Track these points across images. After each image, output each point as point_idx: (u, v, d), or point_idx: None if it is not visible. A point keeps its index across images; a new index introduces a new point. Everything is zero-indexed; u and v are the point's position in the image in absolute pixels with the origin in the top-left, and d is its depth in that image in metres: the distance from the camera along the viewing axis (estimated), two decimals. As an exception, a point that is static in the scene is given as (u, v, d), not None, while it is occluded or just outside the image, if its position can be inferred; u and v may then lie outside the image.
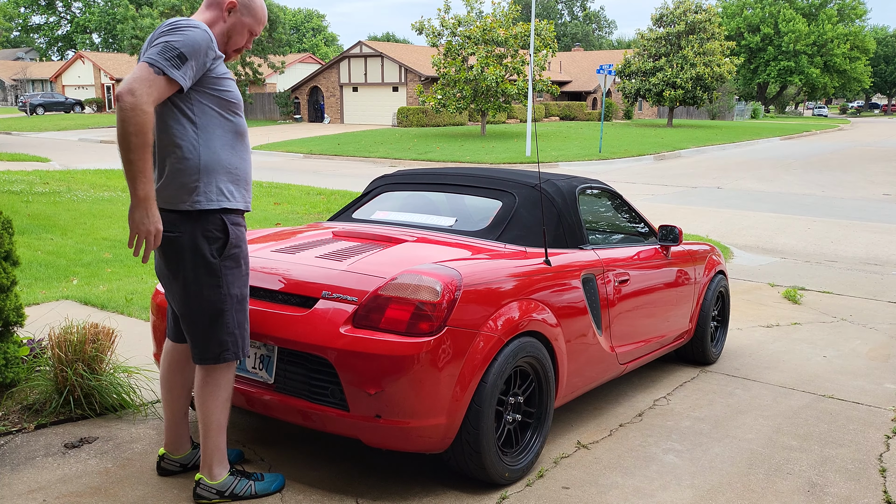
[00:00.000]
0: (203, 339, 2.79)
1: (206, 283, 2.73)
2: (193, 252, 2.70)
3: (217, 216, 2.72)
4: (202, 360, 2.82)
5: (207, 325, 2.77)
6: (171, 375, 3.04)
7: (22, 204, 10.85)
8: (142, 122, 2.42)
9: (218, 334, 2.78)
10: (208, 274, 2.73)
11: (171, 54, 2.50)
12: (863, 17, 70.08)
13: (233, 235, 2.76)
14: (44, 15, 78.46)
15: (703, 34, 35.89)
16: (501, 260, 3.34)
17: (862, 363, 5.21)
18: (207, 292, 2.74)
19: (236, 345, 2.82)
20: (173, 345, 3.05)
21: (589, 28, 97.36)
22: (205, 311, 2.76)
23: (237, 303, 2.81)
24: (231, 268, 2.77)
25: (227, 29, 2.79)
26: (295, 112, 45.23)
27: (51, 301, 5.75)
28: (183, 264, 2.71)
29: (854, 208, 13.47)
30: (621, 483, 3.29)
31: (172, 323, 3.02)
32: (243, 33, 2.83)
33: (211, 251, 2.72)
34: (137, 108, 2.41)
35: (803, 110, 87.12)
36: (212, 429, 2.86)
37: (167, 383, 3.05)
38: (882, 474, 3.48)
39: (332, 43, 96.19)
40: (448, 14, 28.54)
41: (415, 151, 23.64)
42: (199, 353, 2.82)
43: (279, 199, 12.47)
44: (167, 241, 2.70)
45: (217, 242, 2.73)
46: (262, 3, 2.88)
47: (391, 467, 3.32)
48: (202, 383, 2.84)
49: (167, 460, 3.13)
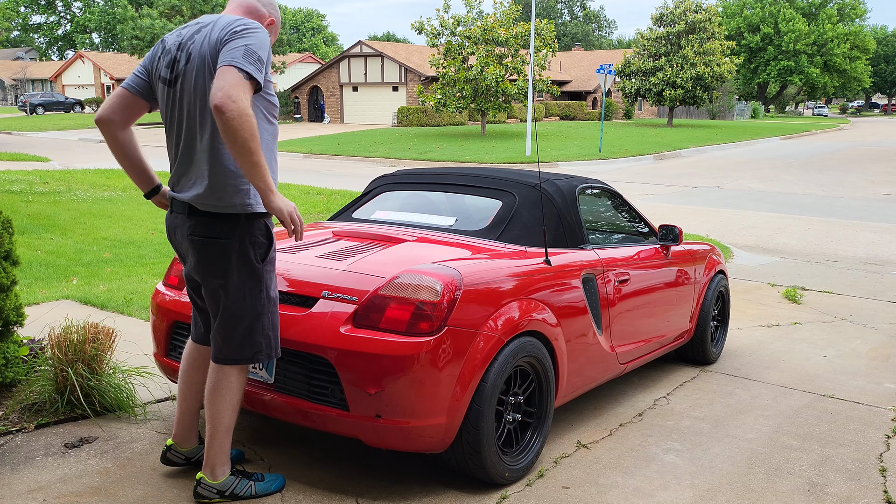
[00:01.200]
0: (240, 341, 2.79)
1: (249, 287, 2.74)
2: (241, 257, 2.70)
3: (262, 221, 2.73)
4: (235, 361, 2.81)
5: (247, 327, 2.78)
6: (194, 372, 3.03)
7: (22, 203, 10.85)
8: (252, 124, 2.41)
9: (255, 336, 2.80)
10: (252, 278, 2.74)
11: (253, 57, 2.49)
12: (863, 17, 70.07)
13: (274, 241, 2.80)
14: (44, 14, 78.46)
15: (703, 34, 35.89)
16: (501, 260, 3.34)
17: (862, 363, 5.21)
18: (251, 296, 2.75)
19: (269, 346, 2.85)
20: (196, 346, 3.04)
21: (589, 28, 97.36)
22: (246, 314, 2.77)
23: (273, 305, 2.84)
24: (270, 272, 2.81)
25: None
26: (295, 112, 45.24)
27: (51, 301, 5.75)
28: (229, 269, 2.71)
29: (854, 208, 13.47)
30: (621, 483, 3.28)
31: (202, 325, 2.99)
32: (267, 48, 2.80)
33: (256, 256, 2.73)
34: (244, 113, 2.40)
35: (803, 110, 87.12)
36: (220, 430, 2.85)
37: (187, 379, 3.04)
38: (882, 474, 3.48)
39: (332, 43, 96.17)
40: (447, 14, 28.53)
41: (415, 151, 23.64)
42: (231, 353, 2.80)
43: (279, 199, 12.46)
44: (213, 245, 2.69)
45: (262, 248, 2.75)
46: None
47: (391, 467, 3.32)
48: (217, 385, 2.83)
49: (173, 451, 3.12)
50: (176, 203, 2.79)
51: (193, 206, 2.69)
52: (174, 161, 2.79)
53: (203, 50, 2.60)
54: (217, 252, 2.69)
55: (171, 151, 2.80)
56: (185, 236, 2.74)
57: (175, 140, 2.75)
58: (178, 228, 2.79)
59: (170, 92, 2.71)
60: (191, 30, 2.71)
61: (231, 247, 2.68)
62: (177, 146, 2.75)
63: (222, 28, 2.59)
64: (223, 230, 2.68)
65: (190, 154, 2.70)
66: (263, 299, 2.79)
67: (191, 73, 2.63)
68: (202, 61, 2.60)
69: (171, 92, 2.70)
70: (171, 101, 2.71)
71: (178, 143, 2.74)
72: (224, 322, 2.79)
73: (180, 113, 2.70)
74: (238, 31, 2.54)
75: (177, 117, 2.71)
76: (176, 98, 2.70)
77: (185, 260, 2.84)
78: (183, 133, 2.71)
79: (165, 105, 2.75)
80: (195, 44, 2.64)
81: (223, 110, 2.37)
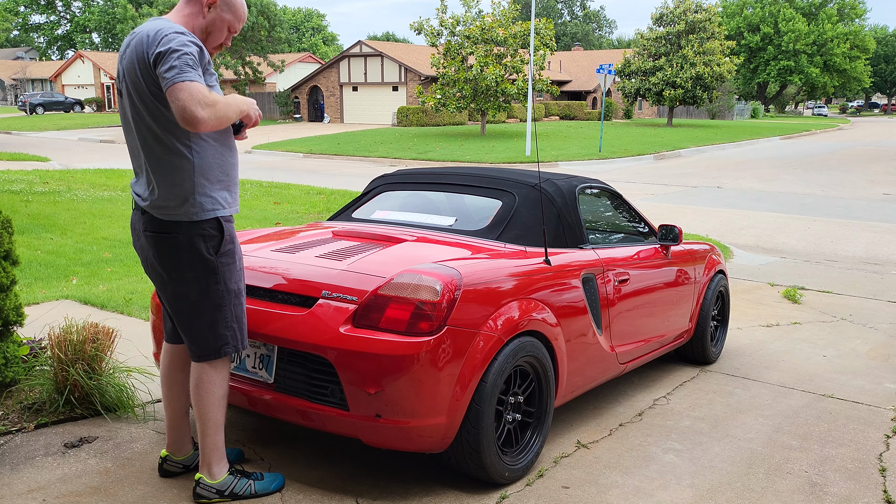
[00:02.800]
0: (202, 335, 2.80)
1: (204, 280, 2.76)
2: (190, 251, 2.73)
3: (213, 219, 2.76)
4: (202, 357, 2.83)
5: (207, 320, 2.79)
6: (173, 374, 3.05)
7: (21, 203, 10.84)
8: (219, 108, 2.54)
9: (217, 329, 2.80)
10: (206, 271, 2.76)
11: (189, 64, 2.52)
12: (862, 17, 70.04)
13: (227, 233, 2.79)
14: (43, 14, 78.45)
15: (703, 34, 35.87)
16: (501, 259, 3.34)
17: (862, 363, 5.21)
18: (206, 289, 2.77)
19: (235, 338, 2.85)
20: (171, 346, 3.05)
21: (589, 27, 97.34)
22: (204, 307, 2.78)
23: (234, 297, 2.83)
24: (227, 264, 2.80)
25: (207, 25, 2.77)
26: (295, 111, 45.22)
27: (50, 301, 5.75)
28: (180, 262, 2.74)
29: (854, 208, 13.47)
30: (621, 482, 3.28)
31: (170, 325, 3.02)
32: (223, 30, 2.82)
33: (207, 249, 2.75)
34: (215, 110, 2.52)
35: (803, 110, 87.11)
36: (209, 427, 2.87)
37: (168, 381, 3.05)
38: (882, 474, 3.48)
39: (332, 42, 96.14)
40: (446, 14, 28.52)
41: (414, 151, 23.64)
42: (198, 350, 2.83)
43: (279, 199, 12.47)
44: (163, 240, 2.73)
45: (213, 240, 2.76)
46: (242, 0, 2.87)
47: (391, 467, 3.32)
48: (198, 381, 2.85)
49: (170, 462, 3.12)
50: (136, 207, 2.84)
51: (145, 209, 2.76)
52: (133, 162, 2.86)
53: (130, 69, 2.65)
54: (167, 246, 2.74)
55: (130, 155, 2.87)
56: (141, 232, 2.81)
57: (129, 146, 2.83)
58: (135, 225, 2.85)
59: (120, 102, 2.79)
60: (126, 41, 2.74)
61: (180, 241, 2.72)
62: (133, 150, 2.82)
63: (149, 41, 2.59)
64: (171, 227, 2.72)
65: (147, 164, 2.74)
66: (222, 291, 2.79)
67: (126, 90, 2.70)
68: (133, 80, 2.65)
69: (122, 102, 2.77)
70: (122, 110, 2.79)
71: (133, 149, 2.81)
72: (183, 316, 2.81)
73: (129, 122, 2.75)
74: (160, 53, 2.53)
75: (128, 126, 2.77)
76: (123, 108, 2.77)
77: (146, 258, 2.87)
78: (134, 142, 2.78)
79: (121, 113, 2.82)
80: (124, 62, 2.69)
81: (198, 124, 2.50)
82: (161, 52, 2.53)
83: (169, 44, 2.53)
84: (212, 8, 2.77)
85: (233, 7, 2.81)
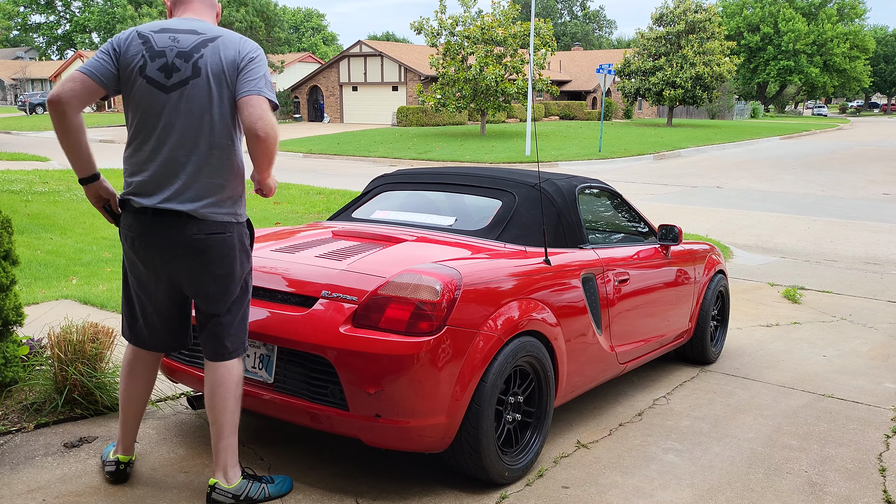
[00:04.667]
0: (236, 333, 2.86)
1: (247, 278, 2.90)
2: (241, 249, 2.85)
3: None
4: (232, 355, 2.86)
5: (241, 318, 2.90)
6: (139, 380, 3.01)
7: (21, 203, 10.84)
8: (278, 142, 2.74)
9: (245, 324, 2.93)
10: (246, 269, 2.89)
11: (270, 85, 2.74)
12: (862, 17, 70.06)
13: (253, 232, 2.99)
14: (43, 14, 78.42)
15: (702, 34, 35.87)
16: (501, 259, 3.34)
17: (862, 363, 5.21)
18: (245, 287, 2.89)
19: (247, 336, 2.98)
20: (145, 353, 2.99)
21: (589, 27, 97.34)
22: (243, 305, 2.89)
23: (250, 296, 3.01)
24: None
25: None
26: (294, 111, 45.22)
27: (50, 300, 5.75)
28: (233, 261, 2.80)
29: (854, 208, 13.47)
30: (621, 482, 3.28)
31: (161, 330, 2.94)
32: None
33: (247, 247, 2.91)
34: (277, 136, 2.71)
35: (803, 110, 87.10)
36: (227, 429, 2.85)
37: (134, 392, 3.00)
38: (882, 474, 3.48)
39: (332, 42, 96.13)
40: (445, 14, 28.51)
41: (414, 151, 23.64)
42: (229, 348, 2.85)
43: (279, 199, 12.47)
44: (216, 241, 2.74)
45: (249, 239, 2.92)
46: None
47: (391, 467, 3.32)
48: (220, 382, 2.83)
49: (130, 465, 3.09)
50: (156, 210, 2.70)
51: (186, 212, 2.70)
52: (152, 163, 2.71)
53: (217, 69, 2.68)
54: (221, 246, 2.76)
55: (149, 153, 2.72)
56: (179, 239, 2.71)
57: (159, 143, 2.70)
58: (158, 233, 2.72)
59: (161, 97, 2.68)
60: (189, 39, 2.71)
61: (233, 241, 2.80)
62: (162, 150, 2.70)
63: (235, 50, 2.71)
64: (222, 227, 2.77)
65: (184, 161, 2.69)
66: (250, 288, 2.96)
67: (202, 87, 2.68)
68: (217, 80, 2.68)
69: (165, 97, 2.68)
70: (163, 105, 2.68)
71: (164, 148, 2.70)
72: (224, 316, 2.83)
73: (177, 119, 2.68)
74: (254, 59, 2.72)
75: (172, 123, 2.68)
76: (171, 104, 2.68)
77: (160, 265, 2.77)
78: (172, 140, 2.69)
79: (151, 107, 2.69)
80: (204, 59, 2.68)
81: (267, 138, 2.64)
82: (253, 58, 2.74)
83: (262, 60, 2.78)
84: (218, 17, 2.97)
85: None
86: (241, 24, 38.48)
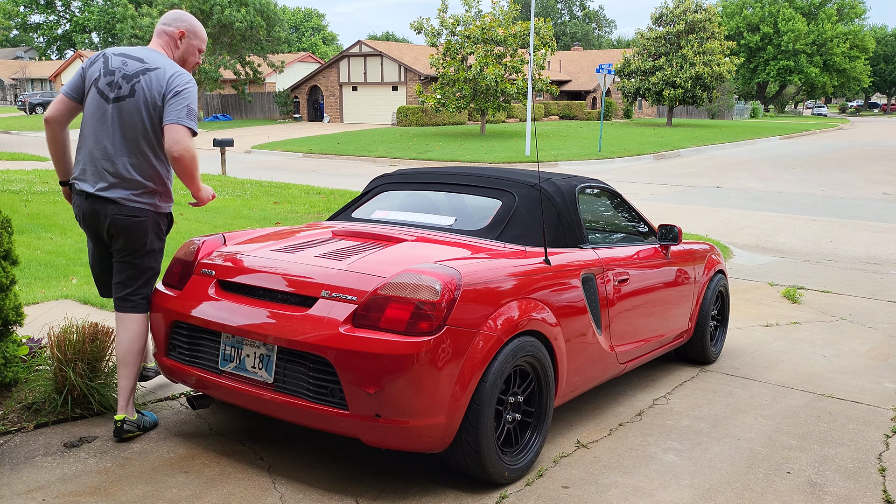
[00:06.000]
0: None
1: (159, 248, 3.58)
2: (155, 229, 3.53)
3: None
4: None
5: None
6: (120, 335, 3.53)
7: (21, 203, 10.84)
8: (196, 162, 3.36)
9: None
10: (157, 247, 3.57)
11: (193, 114, 3.33)
12: (862, 17, 70.08)
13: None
14: (43, 14, 78.41)
15: (702, 33, 35.88)
16: (501, 259, 3.34)
17: (861, 362, 5.22)
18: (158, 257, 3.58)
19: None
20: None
21: (588, 27, 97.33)
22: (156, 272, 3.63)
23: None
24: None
25: (182, 54, 3.56)
26: (294, 111, 45.21)
27: (50, 300, 5.75)
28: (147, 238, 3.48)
29: (853, 207, 13.48)
30: (621, 482, 3.29)
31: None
32: (195, 53, 3.61)
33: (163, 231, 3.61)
34: (195, 157, 3.33)
35: (803, 109, 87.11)
36: (137, 371, 3.47)
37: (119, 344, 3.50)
38: (881, 473, 3.48)
39: (332, 42, 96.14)
40: (447, 13, 28.52)
41: (414, 151, 23.64)
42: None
43: (278, 199, 12.47)
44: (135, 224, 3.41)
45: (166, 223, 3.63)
46: (200, 24, 3.63)
47: (391, 467, 3.32)
48: (143, 331, 3.51)
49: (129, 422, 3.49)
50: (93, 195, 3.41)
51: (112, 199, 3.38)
52: (88, 158, 3.41)
53: (147, 94, 3.33)
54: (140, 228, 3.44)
55: (88, 150, 3.41)
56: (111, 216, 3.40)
57: (95, 143, 3.39)
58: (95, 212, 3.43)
59: (105, 106, 3.37)
60: (135, 66, 3.38)
61: (148, 224, 3.46)
62: (98, 149, 3.38)
63: (165, 83, 3.33)
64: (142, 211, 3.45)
65: (113, 161, 3.37)
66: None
67: (133, 105, 3.34)
68: (144, 103, 3.34)
69: (108, 108, 3.37)
70: (103, 113, 3.38)
71: (101, 147, 3.38)
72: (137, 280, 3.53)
73: (112, 127, 3.36)
74: (179, 92, 3.31)
75: (108, 129, 3.36)
76: (109, 114, 3.37)
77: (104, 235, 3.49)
78: (108, 142, 3.37)
79: (96, 112, 3.39)
80: (141, 84, 3.34)
81: (182, 159, 3.27)
82: (178, 92, 3.33)
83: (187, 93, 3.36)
84: (182, 39, 3.54)
85: (196, 33, 3.58)
86: (241, 23, 38.48)
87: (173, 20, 3.55)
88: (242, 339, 3.15)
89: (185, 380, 3.41)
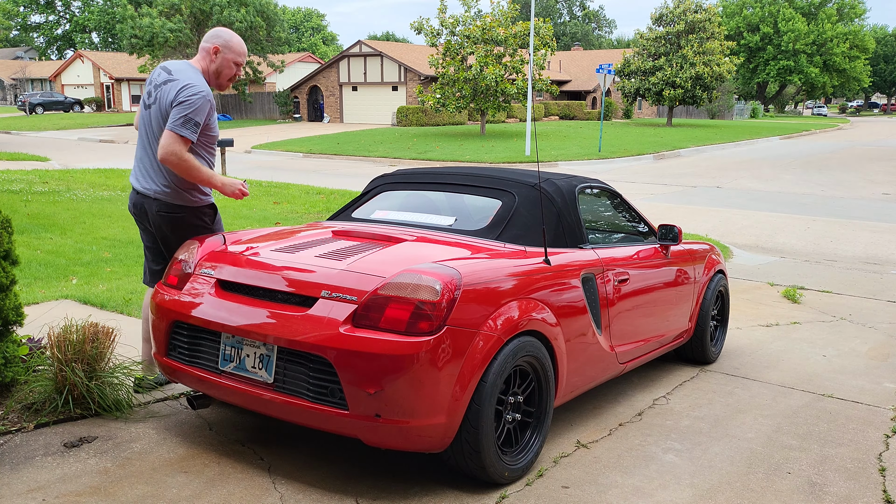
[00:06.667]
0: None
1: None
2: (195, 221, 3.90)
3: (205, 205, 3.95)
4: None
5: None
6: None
7: (21, 203, 10.84)
8: (188, 164, 3.64)
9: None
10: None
11: (189, 123, 3.61)
12: (862, 17, 70.05)
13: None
14: (43, 14, 78.39)
15: (702, 33, 35.87)
16: (501, 259, 3.34)
17: (861, 362, 5.22)
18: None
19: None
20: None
21: (588, 27, 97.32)
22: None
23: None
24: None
25: (217, 67, 3.83)
26: (294, 111, 45.19)
27: (50, 300, 5.75)
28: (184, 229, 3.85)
29: (853, 207, 13.48)
30: (621, 482, 3.29)
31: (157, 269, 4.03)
32: (231, 66, 3.86)
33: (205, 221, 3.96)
34: (181, 159, 3.61)
35: (803, 109, 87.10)
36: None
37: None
38: (881, 473, 3.48)
39: (332, 42, 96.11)
40: (446, 14, 28.51)
41: (414, 151, 23.64)
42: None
43: (278, 199, 12.47)
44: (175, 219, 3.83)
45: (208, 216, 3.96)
46: (238, 39, 3.87)
47: (391, 467, 3.33)
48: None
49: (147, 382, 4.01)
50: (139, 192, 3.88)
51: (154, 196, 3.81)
52: (136, 158, 3.91)
53: (163, 102, 3.71)
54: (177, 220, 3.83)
55: (136, 151, 3.89)
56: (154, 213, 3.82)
57: (140, 145, 3.87)
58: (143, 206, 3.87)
59: (144, 112, 3.85)
60: (163, 77, 3.76)
61: (185, 217, 3.84)
62: (141, 150, 3.86)
63: (175, 93, 3.64)
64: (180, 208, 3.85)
65: (150, 161, 3.80)
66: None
67: (156, 112, 3.76)
68: (161, 110, 3.72)
69: (145, 114, 3.84)
70: (143, 119, 3.85)
71: (142, 149, 3.85)
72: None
73: (146, 130, 3.83)
74: (182, 102, 3.61)
75: (144, 133, 3.84)
76: (145, 119, 3.83)
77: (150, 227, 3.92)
78: (147, 145, 3.82)
79: (141, 118, 3.88)
80: (160, 93, 3.73)
81: (166, 162, 3.62)
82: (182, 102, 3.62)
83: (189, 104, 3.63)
84: (217, 54, 3.81)
85: (231, 47, 3.83)
86: (241, 24, 38.46)
87: (210, 37, 3.84)
88: (242, 339, 3.15)
89: (185, 380, 3.41)
